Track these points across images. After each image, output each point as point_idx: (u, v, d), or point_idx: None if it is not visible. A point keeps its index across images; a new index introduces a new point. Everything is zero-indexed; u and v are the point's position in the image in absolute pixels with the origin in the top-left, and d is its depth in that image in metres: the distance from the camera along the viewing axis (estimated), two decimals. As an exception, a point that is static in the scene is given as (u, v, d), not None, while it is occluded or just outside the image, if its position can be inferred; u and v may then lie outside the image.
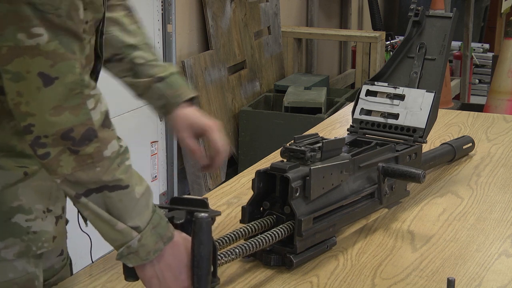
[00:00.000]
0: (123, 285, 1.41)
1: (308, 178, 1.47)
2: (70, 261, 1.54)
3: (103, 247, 1.66)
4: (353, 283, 1.42)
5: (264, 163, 1.96)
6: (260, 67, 4.82)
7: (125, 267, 1.24)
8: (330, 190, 1.54)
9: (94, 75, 1.33)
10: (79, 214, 1.32)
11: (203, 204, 1.27)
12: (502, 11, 7.68)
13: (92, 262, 1.53)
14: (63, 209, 1.36)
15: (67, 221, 1.44)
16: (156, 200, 3.68)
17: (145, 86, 1.51)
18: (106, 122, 1.15)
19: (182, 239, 1.23)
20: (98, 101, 1.14)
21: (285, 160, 1.54)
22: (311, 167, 1.48)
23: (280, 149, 1.56)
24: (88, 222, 1.23)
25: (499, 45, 6.94)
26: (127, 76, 1.51)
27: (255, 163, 2.03)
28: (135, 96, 1.55)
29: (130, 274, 1.24)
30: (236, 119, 4.44)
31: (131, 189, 1.16)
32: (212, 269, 1.22)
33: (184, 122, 1.54)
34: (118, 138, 1.18)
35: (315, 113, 4.25)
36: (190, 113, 1.55)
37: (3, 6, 1.07)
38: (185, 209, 1.27)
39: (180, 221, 1.25)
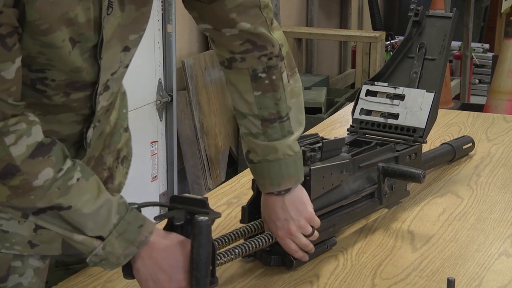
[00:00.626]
0: (123, 285, 1.41)
1: (308, 178, 1.47)
2: None
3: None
4: (353, 283, 1.42)
5: (264, 163, 1.96)
6: (260, 67, 4.81)
7: (123, 266, 1.25)
8: (330, 190, 1.54)
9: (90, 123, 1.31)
10: None
11: (203, 204, 1.26)
12: (502, 11, 7.68)
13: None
14: None
15: None
16: (155, 200, 3.68)
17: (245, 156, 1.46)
18: (36, 153, 1.14)
19: (177, 241, 1.24)
20: (20, 136, 1.13)
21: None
22: (311, 167, 1.48)
23: None
24: None
25: (499, 45, 6.94)
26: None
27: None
28: None
29: (128, 273, 1.26)
30: (236, 119, 4.44)
31: (75, 208, 1.18)
32: (210, 270, 1.23)
33: (266, 213, 1.45)
34: (62, 161, 1.17)
35: (315, 113, 4.25)
36: (271, 206, 1.44)
37: None
38: (184, 209, 1.27)
39: (180, 222, 1.25)
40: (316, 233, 1.45)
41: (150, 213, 1.28)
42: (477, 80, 6.79)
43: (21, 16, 1.09)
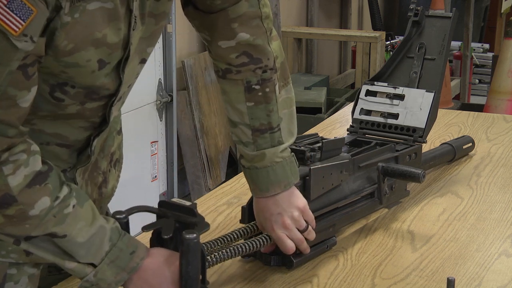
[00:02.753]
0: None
1: (308, 178, 1.47)
2: None
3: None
4: (353, 283, 1.42)
5: (264, 163, 1.96)
6: (260, 67, 4.82)
7: None
8: (330, 190, 1.54)
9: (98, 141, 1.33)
10: None
11: (191, 212, 1.25)
12: (502, 11, 7.68)
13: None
14: None
15: None
16: (156, 201, 3.68)
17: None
18: (34, 181, 1.14)
19: (164, 259, 1.25)
20: (18, 166, 1.13)
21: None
22: (311, 167, 1.48)
23: None
24: None
25: (499, 45, 6.94)
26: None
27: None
28: None
29: None
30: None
31: (70, 237, 1.18)
32: (201, 279, 1.23)
33: (259, 214, 1.46)
34: (58, 189, 1.17)
35: (315, 113, 4.25)
36: (263, 207, 1.45)
37: None
38: (173, 217, 1.26)
39: (168, 236, 1.25)
40: (312, 233, 1.46)
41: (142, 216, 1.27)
42: (477, 80, 6.80)
43: (48, 42, 1.10)
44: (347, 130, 1.85)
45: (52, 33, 1.10)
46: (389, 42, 5.90)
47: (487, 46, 7.01)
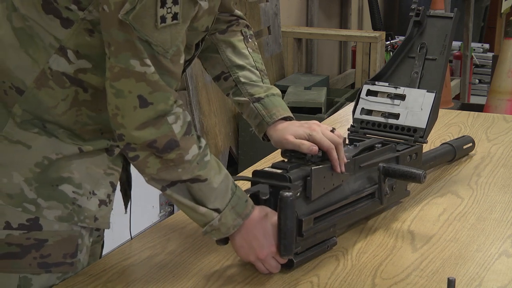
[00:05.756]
0: (123, 285, 1.41)
1: (309, 178, 1.47)
2: (103, 242, 1.64)
3: (103, 246, 1.66)
4: (353, 283, 1.42)
5: (264, 163, 1.96)
6: (260, 67, 4.81)
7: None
8: (331, 190, 1.54)
9: None
10: None
11: (284, 178, 1.44)
12: (502, 11, 7.68)
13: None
14: (109, 196, 1.45)
15: None
16: (156, 200, 3.68)
17: (244, 105, 1.62)
18: (187, 130, 1.34)
19: (265, 214, 1.43)
20: (178, 117, 1.32)
21: (286, 160, 1.55)
22: (312, 167, 1.48)
23: (281, 149, 1.57)
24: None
25: (499, 45, 6.94)
26: (230, 94, 1.64)
27: (255, 163, 2.03)
28: (241, 114, 1.66)
29: (222, 240, 1.43)
30: (236, 119, 4.44)
31: (209, 181, 1.36)
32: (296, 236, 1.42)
33: (280, 134, 1.57)
34: (199, 140, 1.36)
35: (315, 113, 4.25)
36: (286, 126, 1.58)
37: (121, 34, 1.25)
38: (267, 183, 1.45)
39: (266, 197, 1.44)
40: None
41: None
42: (477, 80, 6.79)
43: None
44: (348, 130, 1.85)
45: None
46: (389, 42, 5.89)
47: (487, 46, 7.01)
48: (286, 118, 1.60)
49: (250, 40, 1.66)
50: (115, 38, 1.26)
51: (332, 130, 1.54)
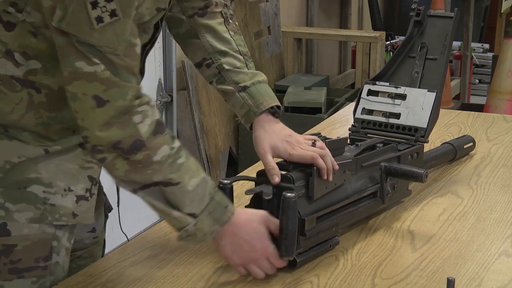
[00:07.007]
0: (123, 285, 1.41)
1: (311, 177, 1.47)
2: (104, 243, 1.63)
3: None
4: (353, 283, 1.42)
5: (264, 163, 1.96)
6: (260, 67, 4.81)
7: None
8: (333, 190, 1.54)
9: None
10: None
11: (288, 179, 1.42)
12: (502, 11, 7.67)
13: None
14: (88, 191, 1.42)
15: (106, 215, 1.59)
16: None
17: (229, 94, 1.57)
18: (156, 129, 1.28)
19: (248, 216, 1.39)
20: (145, 115, 1.27)
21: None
22: (314, 167, 1.48)
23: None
24: None
25: (499, 45, 6.93)
26: (214, 82, 1.60)
27: (255, 163, 2.02)
28: (225, 101, 1.61)
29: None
30: (236, 119, 4.44)
31: (182, 185, 1.31)
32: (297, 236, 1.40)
33: (261, 138, 1.53)
34: (172, 140, 1.31)
35: (315, 113, 4.24)
36: (269, 131, 1.54)
37: (60, 39, 1.21)
38: (271, 184, 1.44)
39: (269, 197, 1.43)
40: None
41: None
42: (477, 80, 6.79)
43: None
44: (349, 129, 1.85)
45: None
46: (389, 42, 5.89)
47: (487, 46, 7.00)
48: (273, 108, 1.55)
49: (230, 21, 1.60)
50: (56, 43, 1.23)
51: (314, 144, 1.51)
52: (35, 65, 1.31)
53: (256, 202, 1.46)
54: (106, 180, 1.47)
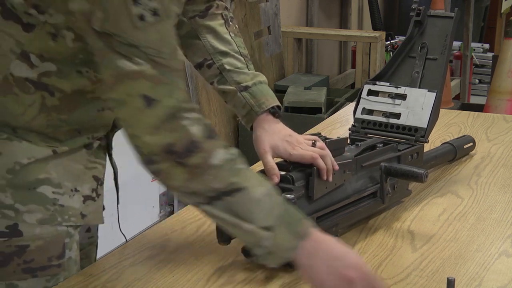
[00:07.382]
0: (123, 285, 1.41)
1: (311, 177, 1.47)
2: (97, 244, 1.62)
3: (103, 246, 1.66)
4: (353, 283, 1.42)
5: (264, 163, 1.96)
6: (260, 67, 4.81)
7: (218, 231, 1.40)
8: (333, 190, 1.54)
9: None
10: None
11: (288, 180, 1.41)
12: (502, 11, 7.68)
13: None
14: (95, 191, 1.42)
15: None
16: (156, 200, 3.68)
17: (231, 94, 1.56)
18: (210, 133, 1.21)
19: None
20: (196, 118, 1.20)
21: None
22: (314, 167, 1.48)
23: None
24: None
25: (499, 45, 6.93)
26: (214, 82, 1.58)
27: (255, 163, 2.02)
28: (225, 103, 1.60)
29: (224, 239, 1.40)
30: (236, 119, 4.44)
31: (248, 191, 1.21)
32: None
33: (261, 138, 1.53)
34: (226, 147, 1.23)
35: (315, 113, 4.25)
36: (270, 131, 1.53)
37: (99, 42, 1.16)
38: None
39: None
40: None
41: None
42: (477, 80, 6.79)
43: None
44: (349, 129, 1.85)
45: None
46: (389, 42, 5.89)
47: (487, 46, 7.00)
48: (273, 108, 1.55)
49: (231, 23, 1.60)
50: (96, 47, 1.19)
51: (314, 144, 1.51)
52: (49, 67, 1.30)
53: None
54: (106, 180, 1.47)
